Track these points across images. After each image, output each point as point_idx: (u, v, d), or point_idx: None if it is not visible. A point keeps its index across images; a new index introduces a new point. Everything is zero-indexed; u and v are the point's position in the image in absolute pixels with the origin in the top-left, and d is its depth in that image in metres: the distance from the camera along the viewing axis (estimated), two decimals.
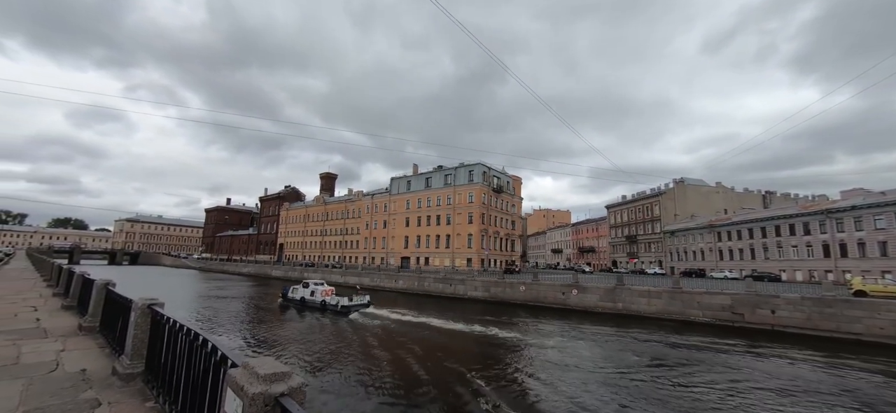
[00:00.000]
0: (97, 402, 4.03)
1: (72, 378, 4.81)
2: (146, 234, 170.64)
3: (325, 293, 32.11)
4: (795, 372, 16.12)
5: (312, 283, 34.04)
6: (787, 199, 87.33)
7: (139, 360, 4.72)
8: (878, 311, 21.37)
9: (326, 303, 30.90)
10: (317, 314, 29.62)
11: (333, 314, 29.29)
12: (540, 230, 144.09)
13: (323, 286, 33.46)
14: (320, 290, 32.67)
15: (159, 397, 3.97)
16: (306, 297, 33.16)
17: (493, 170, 70.85)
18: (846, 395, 13.35)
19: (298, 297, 33.93)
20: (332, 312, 29.67)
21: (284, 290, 37.00)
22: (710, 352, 19.34)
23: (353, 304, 30.33)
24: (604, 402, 12.42)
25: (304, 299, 33.29)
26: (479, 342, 21.83)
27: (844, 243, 50.31)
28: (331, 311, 30.00)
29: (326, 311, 30.16)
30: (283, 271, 75.10)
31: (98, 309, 7.37)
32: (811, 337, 22.14)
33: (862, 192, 52.38)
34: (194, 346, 3.17)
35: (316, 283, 34.24)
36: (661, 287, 30.48)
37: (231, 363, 2.45)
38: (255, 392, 1.88)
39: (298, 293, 34.39)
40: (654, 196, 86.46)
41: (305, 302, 32.90)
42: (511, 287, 38.89)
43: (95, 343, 6.60)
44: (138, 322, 4.74)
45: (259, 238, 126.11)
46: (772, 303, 24.73)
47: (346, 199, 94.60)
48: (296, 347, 19.61)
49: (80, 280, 9.86)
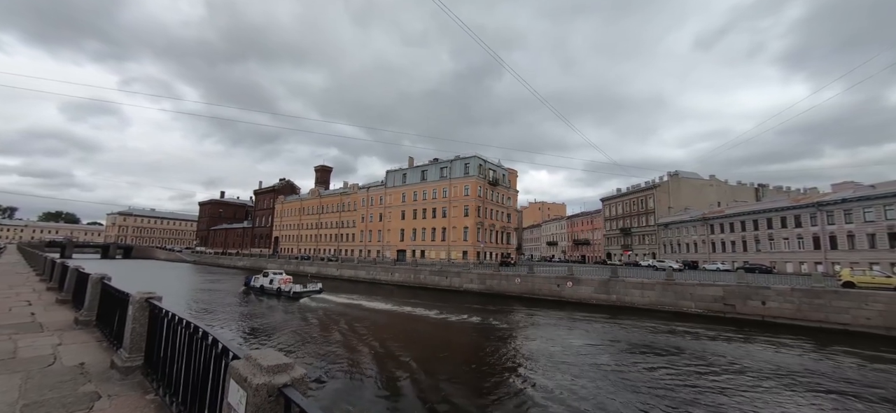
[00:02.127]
0: (97, 396, 4.06)
1: (70, 372, 4.82)
2: (139, 228, 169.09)
3: (283, 281, 35.08)
4: (783, 360, 16.46)
5: (272, 273, 37.13)
6: (779, 192, 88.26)
7: (138, 354, 4.74)
8: (865, 302, 21.82)
9: (281, 289, 34.19)
10: (273, 299, 33.05)
11: (286, 299, 32.63)
12: (535, 223, 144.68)
13: (281, 275, 36.48)
14: (278, 278, 35.67)
15: (160, 390, 4.01)
16: (266, 285, 36.16)
17: (489, 162, 70.84)
18: (827, 379, 13.68)
19: (259, 285, 37.07)
20: (286, 298, 33.03)
21: (247, 280, 40.21)
22: (702, 341, 19.68)
23: (305, 290, 34.11)
24: (593, 391, 12.63)
25: (263, 287, 36.33)
26: (421, 322, 24.87)
27: (834, 236, 51.06)
28: (285, 296, 33.35)
29: (281, 297, 33.50)
30: (278, 265, 74.88)
31: (94, 303, 7.36)
32: (800, 327, 22.59)
33: (852, 186, 53.09)
34: (194, 338, 3.20)
35: (275, 272, 37.40)
36: (655, 279, 30.85)
37: (232, 355, 2.49)
38: (259, 383, 1.92)
39: (259, 282, 37.48)
40: (649, 189, 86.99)
41: (264, 289, 35.97)
42: (506, 279, 39.14)
43: (93, 337, 6.60)
44: (136, 316, 4.76)
45: (254, 231, 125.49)
46: (762, 294, 25.14)
47: (342, 191, 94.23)
48: (260, 332, 21.74)
49: (75, 274, 9.81)
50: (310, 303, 31.35)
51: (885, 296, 21.67)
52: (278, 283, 34.97)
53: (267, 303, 31.74)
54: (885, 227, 45.79)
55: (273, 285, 35.23)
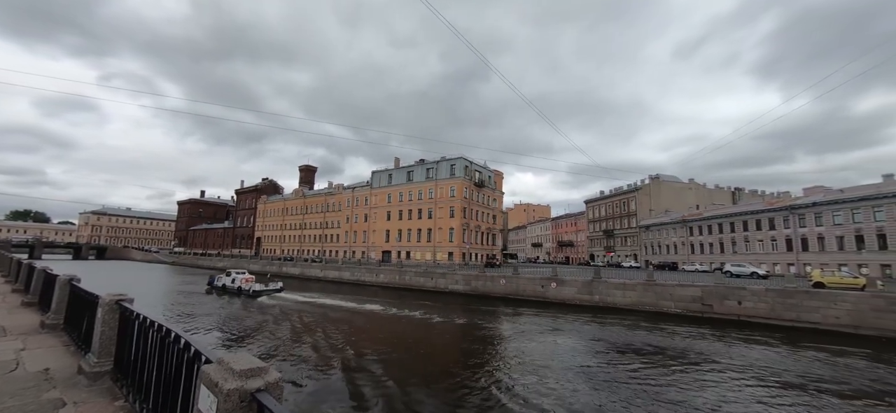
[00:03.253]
0: (62, 402, 3.87)
1: (34, 378, 4.59)
2: (114, 228, 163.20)
3: (245, 281, 36.74)
4: (758, 356, 16.99)
5: (234, 273, 38.58)
6: (754, 195, 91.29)
7: (107, 358, 4.55)
8: (834, 302, 22.73)
9: (242, 288, 35.73)
10: (235, 298, 34.28)
11: (246, 297, 34.14)
12: (520, 224, 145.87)
13: (243, 275, 38.06)
14: (240, 278, 37.25)
15: (129, 396, 3.85)
16: (227, 283, 37.68)
17: (475, 164, 71.10)
18: (798, 375, 14.19)
19: (221, 284, 38.59)
20: (246, 296, 34.56)
21: (211, 279, 41.40)
22: (681, 340, 20.14)
23: (264, 289, 35.95)
24: (574, 390, 12.78)
25: (225, 286, 37.87)
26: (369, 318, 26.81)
27: (805, 238, 53.09)
28: (245, 295, 34.84)
29: (241, 295, 34.92)
30: (260, 265, 73.39)
31: (62, 305, 7.05)
32: (774, 326, 23.37)
33: (822, 190, 55.32)
34: (166, 342, 3.08)
35: (237, 272, 38.81)
36: (636, 280, 31.46)
37: (205, 359, 2.40)
38: (230, 388, 1.85)
39: (222, 281, 38.82)
40: (631, 191, 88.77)
41: (226, 288, 37.55)
42: (491, 281, 39.29)
43: (59, 341, 6.32)
44: (106, 319, 4.57)
45: (235, 232, 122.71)
46: (739, 294, 25.91)
47: (326, 192, 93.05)
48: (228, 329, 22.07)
49: (42, 275, 9.39)
50: (267, 301, 32.81)
51: (853, 296, 22.62)
52: (239, 282, 36.65)
53: (225, 299, 33.49)
54: (853, 229, 47.84)
55: (234, 284, 36.81)
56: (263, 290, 35.70)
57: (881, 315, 21.25)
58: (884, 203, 45.25)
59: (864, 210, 46.98)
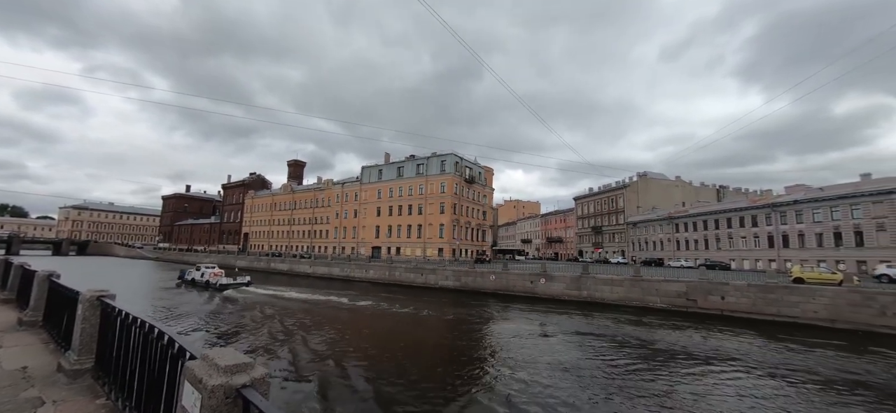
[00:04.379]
0: (40, 401, 3.77)
1: (11, 376, 4.46)
2: (96, 223, 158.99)
3: (213, 275, 38.12)
4: (740, 348, 17.43)
5: (204, 267, 40.34)
6: (738, 193, 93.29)
7: (88, 356, 4.44)
8: (812, 297, 23.43)
9: (210, 282, 37.28)
10: (204, 291, 35.70)
11: (213, 290, 35.65)
12: (510, 221, 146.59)
13: (213, 269, 39.47)
14: (209, 272, 38.70)
15: (112, 393, 3.77)
16: (197, 277, 39.29)
17: (466, 160, 71.11)
18: (777, 366, 14.62)
19: (190, 278, 40.36)
20: (213, 289, 36.05)
21: (182, 273, 43.57)
22: (666, 333, 20.53)
23: (231, 283, 37.44)
24: (561, 385, 12.94)
25: (194, 279, 39.47)
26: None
27: (787, 235, 54.52)
28: (212, 288, 36.29)
29: (209, 288, 36.38)
30: (247, 261, 72.48)
31: (41, 302, 6.85)
32: (756, 320, 24.00)
33: (803, 189, 56.82)
34: (149, 338, 3.03)
35: (207, 266, 40.54)
36: (623, 276, 31.92)
37: (189, 355, 2.36)
38: (215, 384, 1.82)
39: (191, 275, 40.65)
40: (619, 189, 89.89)
41: (196, 282, 39.03)
42: (481, 277, 39.45)
43: (38, 338, 6.15)
44: (86, 315, 4.46)
45: (222, 227, 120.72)
46: (722, 290, 26.51)
47: (315, 187, 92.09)
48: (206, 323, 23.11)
49: (20, 271, 9.13)
50: (234, 294, 34.30)
51: (830, 291, 23.37)
52: (208, 276, 38.13)
53: (194, 293, 34.90)
54: (832, 227, 49.28)
55: (203, 278, 38.34)
56: (230, 284, 37.15)
57: (856, 309, 21.98)
58: (861, 201, 46.69)
59: (843, 208, 48.41)
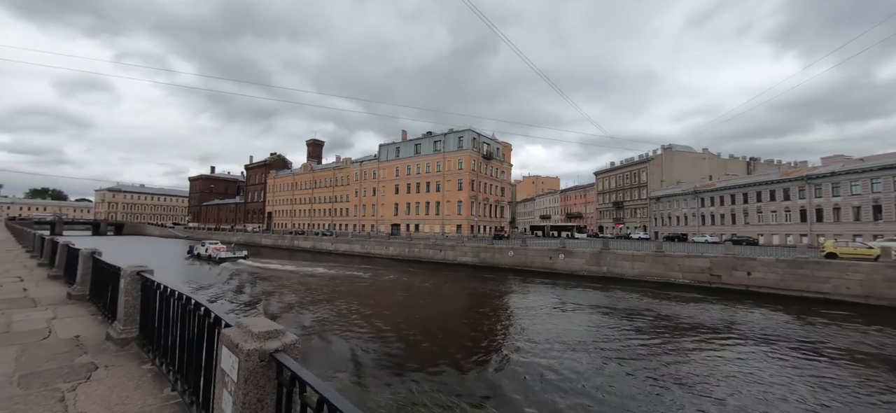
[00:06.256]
0: (94, 366, 4.12)
1: (66, 344, 4.87)
2: (129, 205, 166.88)
3: (217, 249, 45.19)
4: (768, 324, 17.10)
5: (208, 243, 48.06)
6: (769, 165, 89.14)
7: (132, 325, 4.79)
8: (845, 272, 22.54)
9: (212, 255, 43.69)
10: (206, 262, 42.71)
11: (213, 263, 41.94)
12: (529, 196, 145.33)
13: (216, 244, 47.18)
14: (212, 247, 45.98)
15: (155, 359, 4.08)
16: (201, 252, 46.32)
17: (483, 136, 70.34)
18: (809, 343, 14.30)
19: (197, 252, 47.49)
20: (213, 262, 42.37)
21: (191, 247, 50.70)
22: (689, 309, 20.29)
23: (228, 256, 44.18)
24: (579, 361, 13.08)
25: (199, 254, 46.61)
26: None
27: (821, 208, 52.06)
28: (213, 261, 42.55)
29: (211, 261, 42.69)
30: (272, 240, 74.94)
31: (86, 277, 7.36)
32: (783, 296, 23.36)
33: (842, 159, 53.73)
34: (187, 309, 3.24)
35: (210, 242, 48.56)
36: (644, 251, 31.44)
37: (224, 324, 2.54)
38: (250, 348, 1.97)
39: (197, 249, 47.99)
40: (642, 162, 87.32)
41: (200, 255, 46.15)
42: (500, 253, 39.62)
43: (86, 310, 6.64)
44: (128, 289, 4.78)
45: (247, 207, 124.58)
46: (748, 265, 25.80)
47: (334, 166, 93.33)
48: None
49: (66, 250, 9.77)
50: (230, 266, 39.91)
51: (866, 266, 22.38)
52: (211, 250, 45.00)
53: (199, 264, 42.37)
54: (871, 200, 46.71)
55: (207, 252, 45.07)
56: (228, 257, 43.96)
57: (893, 285, 21.05)
58: None
59: (885, 179, 45.65)
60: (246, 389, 1.96)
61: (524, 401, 9.94)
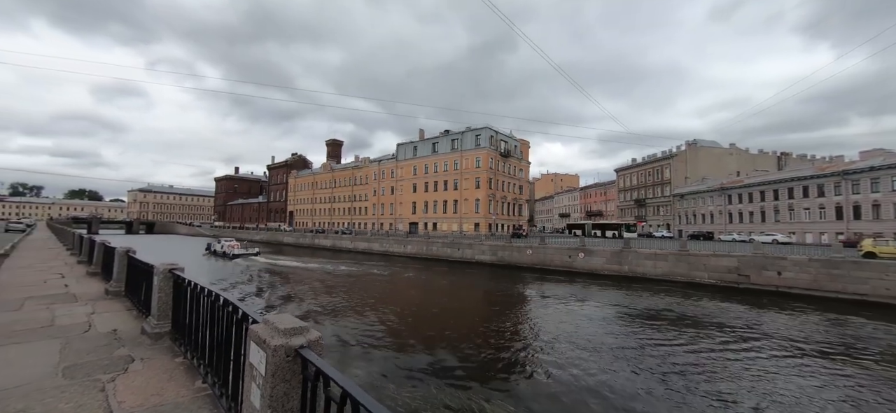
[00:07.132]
0: (131, 358, 4.36)
1: (105, 337, 5.16)
2: (159, 204, 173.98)
3: (231, 246, 49.00)
4: (802, 328, 16.40)
5: (223, 241, 51.82)
6: (802, 160, 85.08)
7: (165, 321, 5.03)
8: (885, 273, 21.34)
9: (226, 252, 47.59)
10: (221, 258, 46.65)
11: (227, 259, 45.79)
12: (548, 194, 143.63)
13: (231, 242, 51.18)
14: (227, 244, 49.74)
15: (187, 353, 4.28)
16: (217, 249, 50.16)
17: (501, 134, 69.89)
18: (847, 347, 13.65)
19: (213, 250, 51.13)
20: (227, 258, 46.27)
21: (208, 244, 54.08)
22: (716, 311, 19.67)
23: (241, 253, 48.19)
24: (600, 364, 12.88)
25: (215, 250, 50.52)
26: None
27: (858, 205, 49.41)
28: (228, 257, 46.57)
29: (225, 257, 46.74)
30: (294, 238, 76.71)
31: (122, 274, 7.75)
32: (816, 297, 22.32)
33: (882, 153, 50.78)
34: (216, 306, 3.39)
35: (226, 240, 52.28)
36: (668, 250, 30.61)
37: (252, 320, 2.65)
38: (277, 344, 2.06)
39: (214, 247, 51.60)
40: (666, 158, 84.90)
41: (216, 252, 49.97)
42: (518, 251, 39.35)
43: (123, 306, 7.00)
44: (161, 286, 5.02)
45: (269, 206, 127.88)
46: (778, 265, 24.78)
47: (353, 165, 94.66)
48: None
49: (102, 248, 10.29)
50: (242, 262, 43.21)
51: None
52: (226, 247, 48.77)
53: (214, 259, 46.45)
54: None
55: (222, 249, 48.82)
56: (241, 254, 47.77)
57: None
58: None
59: None
60: (274, 383, 2.06)
61: (547, 403, 9.88)
